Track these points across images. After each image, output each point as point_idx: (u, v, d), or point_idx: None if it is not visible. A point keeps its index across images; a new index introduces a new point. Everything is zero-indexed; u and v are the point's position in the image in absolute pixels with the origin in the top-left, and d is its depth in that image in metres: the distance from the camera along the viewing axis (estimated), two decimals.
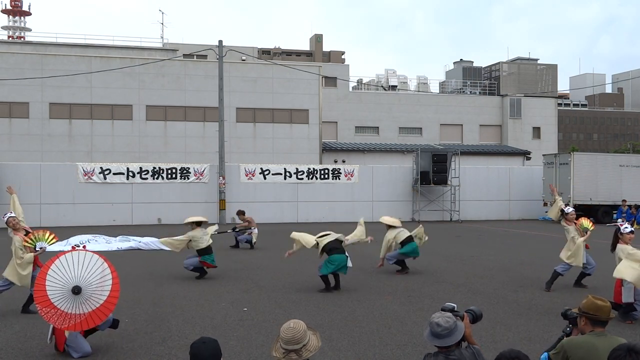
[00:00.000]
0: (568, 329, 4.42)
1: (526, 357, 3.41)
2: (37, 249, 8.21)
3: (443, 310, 3.93)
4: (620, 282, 8.04)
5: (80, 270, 6.15)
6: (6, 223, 8.43)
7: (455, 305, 4.02)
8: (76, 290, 6.03)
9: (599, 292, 9.24)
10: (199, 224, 11.34)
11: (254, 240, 16.37)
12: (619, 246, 8.35)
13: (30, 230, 8.53)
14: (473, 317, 4.10)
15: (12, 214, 8.50)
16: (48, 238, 8.28)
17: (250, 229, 16.56)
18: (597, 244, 14.83)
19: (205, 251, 11.21)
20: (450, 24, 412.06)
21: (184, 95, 32.81)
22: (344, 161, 35.15)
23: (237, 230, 16.72)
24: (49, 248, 8.43)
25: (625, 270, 7.89)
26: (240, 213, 16.95)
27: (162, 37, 48.09)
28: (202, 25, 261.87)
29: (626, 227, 8.50)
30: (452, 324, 3.71)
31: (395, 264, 11.92)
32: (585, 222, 10.24)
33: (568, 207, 10.60)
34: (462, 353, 3.70)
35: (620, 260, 8.15)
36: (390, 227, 11.77)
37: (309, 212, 26.13)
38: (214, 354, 3.39)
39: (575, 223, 10.28)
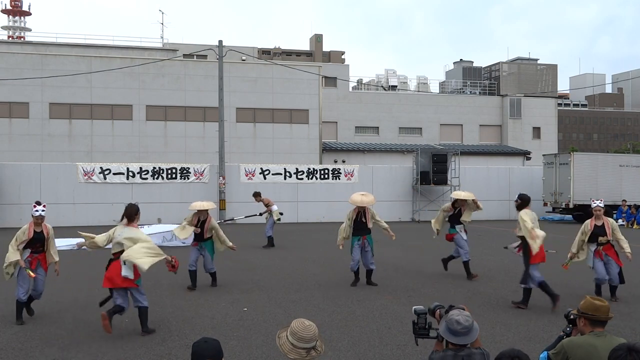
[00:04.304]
0: (568, 328, 4.42)
1: (526, 356, 3.41)
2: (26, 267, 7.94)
3: (415, 312, 3.94)
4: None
5: None
6: (33, 215, 8.04)
7: (422, 307, 4.01)
8: None
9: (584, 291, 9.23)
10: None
11: (276, 217, 16.43)
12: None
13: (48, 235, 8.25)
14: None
15: (44, 212, 8.17)
16: (31, 271, 7.92)
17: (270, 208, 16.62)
18: None
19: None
20: (450, 24, 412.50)
21: (184, 95, 32.81)
22: (344, 161, 35.14)
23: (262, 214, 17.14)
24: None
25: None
26: (257, 195, 16.88)
27: (162, 37, 48.15)
28: (202, 25, 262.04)
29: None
30: (471, 322, 3.70)
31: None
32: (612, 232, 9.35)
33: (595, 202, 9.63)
34: (471, 352, 3.69)
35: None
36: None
37: (309, 212, 26.13)
38: (216, 354, 3.40)
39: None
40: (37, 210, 8.07)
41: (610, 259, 9.25)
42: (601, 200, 9.56)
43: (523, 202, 9.02)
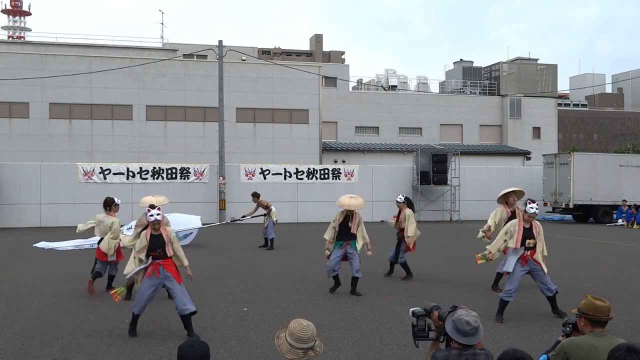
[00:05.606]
0: (568, 329, 4.42)
1: (529, 357, 3.40)
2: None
3: (414, 315, 3.93)
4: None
5: None
6: (149, 221, 7.42)
7: (420, 309, 4.00)
8: None
9: (597, 292, 9.23)
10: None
11: (275, 218, 16.38)
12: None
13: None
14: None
15: (159, 216, 7.41)
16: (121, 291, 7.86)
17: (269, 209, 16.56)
18: (593, 243, 14.83)
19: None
20: (450, 24, 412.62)
21: (184, 95, 32.81)
22: (344, 161, 35.14)
23: (245, 217, 17.31)
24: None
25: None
26: (256, 195, 16.81)
27: (162, 37, 48.10)
28: (202, 25, 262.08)
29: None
30: (479, 323, 3.70)
31: None
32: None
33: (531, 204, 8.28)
34: (476, 352, 3.69)
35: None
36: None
37: (308, 212, 26.12)
38: (202, 358, 3.31)
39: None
40: (151, 215, 7.33)
41: (538, 268, 8.31)
42: (537, 204, 8.30)
43: (410, 203, 11.62)
